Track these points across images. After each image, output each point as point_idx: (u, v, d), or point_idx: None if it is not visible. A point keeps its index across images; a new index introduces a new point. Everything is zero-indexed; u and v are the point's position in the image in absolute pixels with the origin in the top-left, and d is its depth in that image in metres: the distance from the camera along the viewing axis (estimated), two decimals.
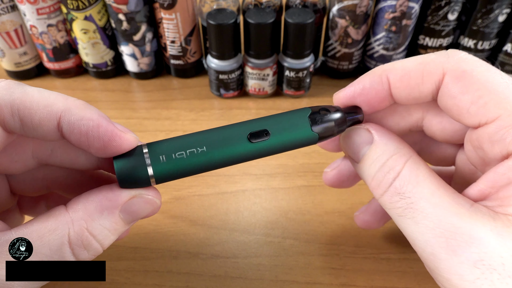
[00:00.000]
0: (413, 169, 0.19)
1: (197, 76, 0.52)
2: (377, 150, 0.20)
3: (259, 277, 0.31)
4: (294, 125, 0.21)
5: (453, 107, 0.19)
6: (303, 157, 0.41)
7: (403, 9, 0.43)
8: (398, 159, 0.20)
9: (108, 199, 0.20)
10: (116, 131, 0.19)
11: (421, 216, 0.18)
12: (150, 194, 0.21)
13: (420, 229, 0.18)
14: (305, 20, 0.41)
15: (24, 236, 0.18)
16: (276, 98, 0.49)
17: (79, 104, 0.19)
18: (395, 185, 0.19)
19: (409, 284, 0.30)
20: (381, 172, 0.20)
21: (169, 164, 0.19)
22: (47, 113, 0.18)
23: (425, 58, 0.20)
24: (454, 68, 0.19)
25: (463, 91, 0.18)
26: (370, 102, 0.22)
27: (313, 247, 0.33)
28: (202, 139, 0.20)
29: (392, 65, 0.21)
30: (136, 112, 0.47)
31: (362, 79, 0.22)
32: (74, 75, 0.52)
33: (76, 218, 0.19)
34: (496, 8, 0.43)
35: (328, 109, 0.21)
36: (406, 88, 0.20)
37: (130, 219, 0.20)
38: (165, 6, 0.44)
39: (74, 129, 0.19)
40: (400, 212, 0.19)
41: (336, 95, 0.23)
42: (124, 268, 0.31)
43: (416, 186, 0.19)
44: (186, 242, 0.33)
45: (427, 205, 0.18)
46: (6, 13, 0.46)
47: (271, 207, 0.36)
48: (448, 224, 0.17)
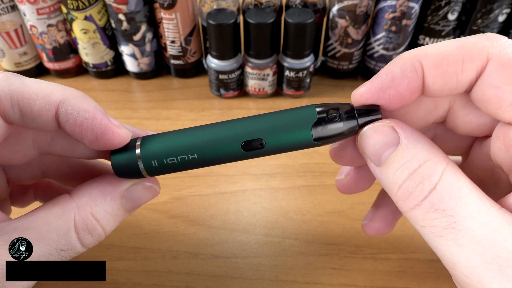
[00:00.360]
0: (454, 181, 0.16)
1: (197, 76, 0.52)
2: (405, 153, 0.17)
3: (259, 277, 0.31)
4: (293, 131, 0.19)
5: (493, 98, 0.17)
6: (303, 157, 0.41)
7: (403, 9, 0.43)
8: (434, 167, 0.16)
9: (111, 185, 0.21)
10: (109, 125, 0.19)
11: (467, 239, 0.15)
12: (150, 181, 0.22)
13: (465, 253, 0.15)
14: (305, 20, 0.41)
15: (31, 223, 0.19)
16: (276, 98, 0.49)
17: (77, 95, 0.19)
18: (431, 200, 0.16)
19: (409, 284, 0.30)
20: (411, 181, 0.17)
21: (160, 167, 0.20)
22: (46, 103, 0.19)
23: (465, 41, 0.17)
24: (500, 54, 0.17)
25: (508, 81, 0.16)
26: (402, 94, 0.18)
27: (313, 247, 0.33)
28: (194, 144, 0.19)
29: (424, 49, 0.18)
30: (136, 112, 0.47)
31: (390, 67, 0.18)
32: (74, 75, 0.52)
33: (81, 203, 0.20)
34: (496, 8, 0.43)
35: (338, 109, 0.19)
36: (442, 76, 0.17)
37: (130, 206, 0.21)
38: (165, 6, 0.44)
39: (70, 119, 0.19)
40: (438, 232, 0.16)
41: (357, 93, 0.19)
42: (124, 268, 0.31)
43: (460, 201, 0.16)
44: (186, 242, 0.33)
45: (475, 226, 0.15)
46: (6, 13, 0.46)
47: (271, 207, 0.36)
48: (502, 250, 0.15)
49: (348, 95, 0.53)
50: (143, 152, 0.20)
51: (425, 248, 0.32)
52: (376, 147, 0.18)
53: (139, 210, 0.36)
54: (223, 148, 0.19)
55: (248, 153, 0.19)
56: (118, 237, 0.34)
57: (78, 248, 0.20)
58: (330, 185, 0.38)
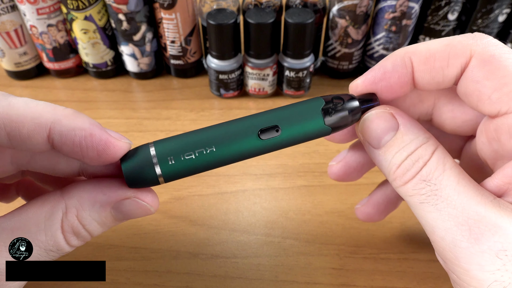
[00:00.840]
0: (440, 158, 0.19)
1: (197, 76, 0.52)
2: (404, 138, 0.19)
3: (259, 277, 0.31)
4: (306, 119, 0.20)
5: (474, 92, 0.18)
6: (303, 157, 0.41)
7: (403, 9, 0.43)
8: (427, 148, 0.19)
9: (103, 193, 0.20)
10: (110, 139, 0.19)
11: (445, 203, 0.18)
12: (146, 200, 0.20)
13: (442, 216, 0.18)
14: (305, 20, 0.41)
15: (21, 223, 0.18)
16: (276, 98, 0.49)
17: (69, 114, 0.19)
18: (421, 173, 0.19)
19: (409, 284, 0.30)
20: (409, 160, 0.19)
21: (177, 165, 0.19)
22: (36, 126, 0.18)
23: (452, 40, 0.19)
24: (482, 52, 0.18)
25: (487, 76, 0.18)
26: (392, 87, 0.20)
27: (313, 247, 0.33)
28: (211, 138, 0.19)
29: (415, 47, 0.20)
30: (136, 112, 0.47)
31: (383, 62, 0.20)
32: (74, 75, 0.52)
33: (70, 205, 0.19)
34: (496, 8, 0.43)
35: (342, 98, 0.20)
36: (430, 71, 0.19)
37: (120, 217, 0.20)
38: (165, 6, 0.44)
39: (67, 140, 0.18)
40: (423, 199, 0.18)
41: (353, 84, 0.21)
42: (124, 268, 0.31)
43: (443, 173, 0.18)
44: (186, 242, 0.33)
45: (452, 193, 0.18)
46: (6, 13, 0.46)
47: (271, 207, 0.36)
48: (473, 212, 0.17)
49: None
50: (158, 151, 0.19)
51: (425, 248, 0.32)
52: (378, 131, 0.20)
53: None
54: (241, 139, 0.19)
55: (265, 142, 0.19)
56: (118, 237, 0.34)
57: (66, 249, 0.20)
58: (330, 185, 0.38)
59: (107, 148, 0.19)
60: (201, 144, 0.19)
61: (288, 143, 0.20)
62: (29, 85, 0.51)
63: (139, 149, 0.20)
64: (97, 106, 0.48)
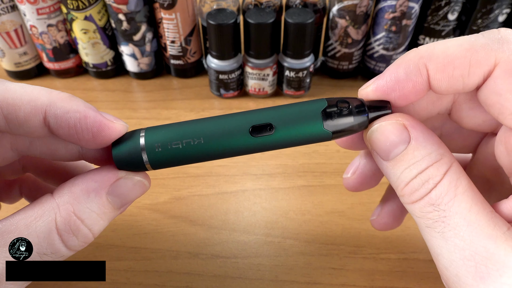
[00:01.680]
0: (453, 180, 0.17)
1: (197, 76, 0.52)
2: (415, 154, 0.18)
3: (259, 277, 0.31)
4: (304, 120, 0.18)
5: (496, 104, 0.17)
6: (303, 157, 0.41)
7: (403, 9, 0.43)
8: (440, 168, 0.17)
9: (94, 181, 0.19)
10: (104, 121, 0.19)
11: (453, 232, 0.16)
12: (139, 175, 0.20)
13: (448, 246, 0.16)
14: (305, 20, 0.41)
15: (11, 226, 0.18)
16: (276, 98, 0.49)
17: (64, 97, 0.19)
18: (431, 196, 0.17)
19: (409, 284, 0.30)
20: (419, 179, 0.17)
21: (164, 153, 0.19)
22: (32, 108, 0.18)
23: (474, 43, 0.17)
24: (508, 60, 0.16)
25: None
26: (406, 96, 0.18)
27: (313, 247, 0.33)
28: (201, 129, 0.19)
29: (430, 50, 0.18)
30: (136, 112, 0.47)
31: (395, 69, 0.18)
32: (74, 75, 0.52)
33: (62, 202, 0.18)
34: (496, 8, 0.43)
35: (348, 102, 0.19)
36: (448, 80, 0.17)
37: (118, 202, 0.20)
38: (165, 6, 0.44)
39: (62, 123, 0.18)
40: (430, 224, 0.17)
41: (363, 91, 0.19)
42: (124, 268, 0.31)
43: (453, 198, 0.17)
44: (186, 242, 0.33)
45: (462, 222, 0.16)
46: (6, 13, 0.46)
47: (271, 207, 0.36)
48: (481, 248, 0.15)
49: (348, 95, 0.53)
50: (147, 138, 0.19)
51: (425, 248, 0.32)
52: (387, 144, 0.18)
53: (139, 210, 0.36)
54: (230, 134, 0.19)
55: (256, 140, 0.19)
56: (118, 237, 0.34)
57: (63, 251, 0.19)
58: (330, 185, 0.38)
59: (102, 130, 0.19)
60: (190, 134, 0.19)
61: (282, 144, 0.19)
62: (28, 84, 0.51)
63: (131, 134, 0.20)
64: (97, 106, 0.48)
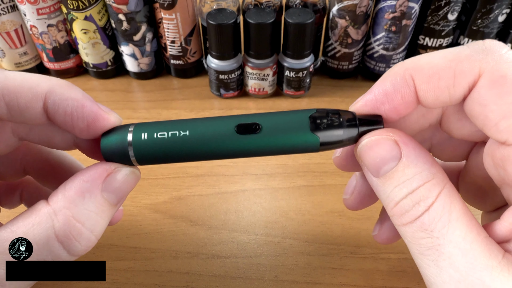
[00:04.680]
0: (447, 204, 0.16)
1: (197, 76, 0.52)
2: (406, 172, 0.17)
3: (259, 277, 0.31)
4: (291, 123, 0.18)
5: (480, 115, 0.16)
6: (303, 157, 0.41)
7: (403, 9, 0.43)
8: (432, 189, 0.16)
9: (85, 181, 0.19)
10: (100, 112, 0.19)
11: (447, 262, 0.16)
12: (128, 168, 0.20)
13: (442, 276, 0.16)
14: (305, 20, 0.41)
15: (11, 234, 0.17)
16: (276, 98, 0.49)
17: (63, 84, 0.19)
18: (422, 220, 0.16)
19: (409, 284, 0.30)
20: (409, 200, 0.17)
21: (149, 142, 0.19)
22: (33, 95, 0.18)
23: (458, 54, 0.17)
24: (492, 70, 0.16)
25: (496, 101, 0.16)
26: (397, 109, 0.18)
27: (313, 247, 0.33)
28: (188, 124, 0.20)
29: (415, 62, 0.18)
30: (136, 112, 0.47)
31: (382, 82, 0.18)
32: (74, 75, 0.52)
33: (59, 207, 0.18)
34: (496, 8, 0.43)
35: (339, 113, 0.19)
36: (434, 91, 0.17)
37: (114, 198, 0.20)
38: (165, 6, 0.44)
39: (59, 109, 0.19)
40: (423, 251, 0.16)
41: (353, 107, 0.19)
42: (124, 268, 0.32)
43: (447, 225, 0.16)
44: (186, 242, 0.33)
45: (456, 252, 0.15)
46: (6, 13, 0.46)
47: (271, 207, 0.36)
48: (477, 280, 0.15)
49: (348, 95, 0.53)
50: (136, 129, 0.20)
51: None
52: (377, 160, 0.18)
53: (139, 210, 0.36)
54: (217, 129, 0.19)
55: (243, 139, 0.18)
56: (118, 237, 0.34)
57: (64, 257, 0.18)
58: (330, 185, 0.38)
59: (96, 120, 0.19)
60: (176, 127, 0.19)
61: (268, 148, 0.19)
62: None
63: (121, 127, 0.20)
64: None
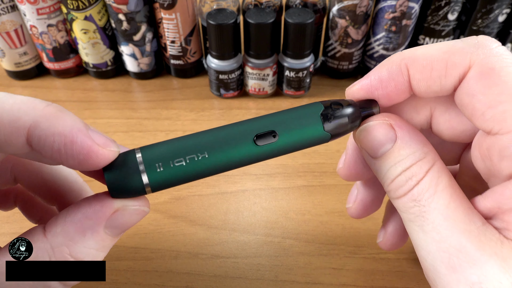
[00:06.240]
0: (434, 178, 0.18)
1: (197, 76, 0.52)
2: (401, 152, 0.19)
3: (259, 277, 0.31)
4: (305, 124, 0.19)
5: (468, 105, 0.18)
6: (303, 157, 0.41)
7: (403, 9, 0.43)
8: (423, 166, 0.18)
9: (88, 218, 0.18)
10: (93, 148, 0.17)
11: (431, 226, 0.17)
12: (137, 204, 0.19)
13: (426, 238, 0.18)
14: (305, 20, 0.41)
15: (2, 266, 0.17)
16: (276, 98, 0.49)
17: (49, 114, 0.17)
18: (413, 192, 0.18)
19: (409, 284, 0.30)
20: (403, 176, 0.19)
21: (166, 173, 0.17)
22: (13, 129, 0.16)
23: (452, 46, 0.18)
24: (481, 63, 0.17)
25: (483, 91, 0.17)
26: (389, 95, 0.20)
27: (313, 247, 0.33)
28: (203, 143, 0.18)
29: (412, 52, 0.19)
30: (136, 112, 0.47)
31: (379, 69, 0.20)
32: (74, 75, 0.52)
33: (56, 244, 0.17)
34: (496, 8, 0.43)
35: (341, 103, 0.20)
36: (427, 81, 0.18)
37: (117, 232, 0.19)
38: (165, 6, 0.44)
39: (45, 146, 0.16)
40: (412, 218, 0.18)
41: (349, 90, 0.21)
42: (124, 268, 0.31)
43: (433, 195, 0.18)
44: (186, 242, 0.33)
45: (439, 217, 0.17)
46: (6, 13, 0.46)
47: (271, 207, 0.36)
48: (455, 241, 0.17)
49: None
50: (146, 158, 0.17)
51: None
52: (375, 142, 0.19)
53: None
54: (235, 145, 0.18)
55: (261, 149, 0.18)
56: None
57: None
58: (330, 185, 0.38)
59: (89, 158, 0.17)
60: (193, 150, 0.17)
61: (286, 150, 0.19)
62: (29, 85, 0.51)
63: (125, 156, 0.18)
64: (97, 106, 0.48)
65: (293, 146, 0.19)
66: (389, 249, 0.28)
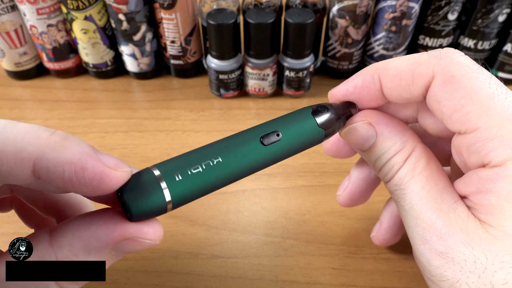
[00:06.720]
0: (412, 163, 0.21)
1: (197, 76, 0.52)
2: (383, 145, 0.22)
3: (259, 277, 0.31)
4: (301, 123, 0.21)
5: (437, 110, 0.20)
6: (303, 157, 0.41)
7: (403, 9, 0.43)
8: (402, 155, 0.21)
9: (97, 239, 0.17)
10: (105, 172, 0.16)
11: (409, 205, 0.20)
12: (149, 235, 0.18)
13: (406, 216, 0.21)
14: (305, 20, 0.41)
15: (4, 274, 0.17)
16: (276, 98, 0.49)
17: (55, 143, 0.16)
18: (395, 178, 0.21)
19: (409, 284, 0.30)
20: (387, 166, 0.22)
21: (186, 182, 0.17)
22: (17, 162, 0.15)
23: (418, 58, 0.20)
24: (443, 72, 0.19)
25: (448, 97, 0.19)
26: (363, 101, 0.22)
27: (313, 247, 0.33)
28: (214, 149, 0.19)
29: (385, 63, 0.21)
30: (136, 112, 0.47)
31: (355, 77, 0.22)
32: (74, 75, 0.52)
33: (61, 256, 0.17)
34: (496, 8, 0.43)
35: (326, 106, 0.22)
36: (396, 89, 0.21)
37: (121, 254, 0.19)
38: (165, 6, 0.44)
39: (55, 177, 0.16)
40: (396, 199, 0.22)
41: (331, 92, 0.23)
42: (124, 268, 0.31)
43: (411, 179, 0.21)
44: (186, 242, 0.33)
45: (415, 198, 0.20)
46: (6, 13, 0.46)
47: (271, 207, 0.36)
48: (427, 218, 0.20)
49: None
50: (162, 169, 0.17)
51: None
52: (359, 140, 0.22)
53: None
54: (245, 146, 0.19)
55: (268, 149, 0.20)
56: None
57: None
58: (330, 185, 0.38)
59: (103, 182, 0.16)
60: (206, 156, 0.18)
61: (289, 149, 0.21)
62: (29, 85, 0.51)
63: (139, 173, 0.18)
64: (97, 106, 0.48)
65: (295, 144, 0.21)
66: (381, 244, 0.30)
